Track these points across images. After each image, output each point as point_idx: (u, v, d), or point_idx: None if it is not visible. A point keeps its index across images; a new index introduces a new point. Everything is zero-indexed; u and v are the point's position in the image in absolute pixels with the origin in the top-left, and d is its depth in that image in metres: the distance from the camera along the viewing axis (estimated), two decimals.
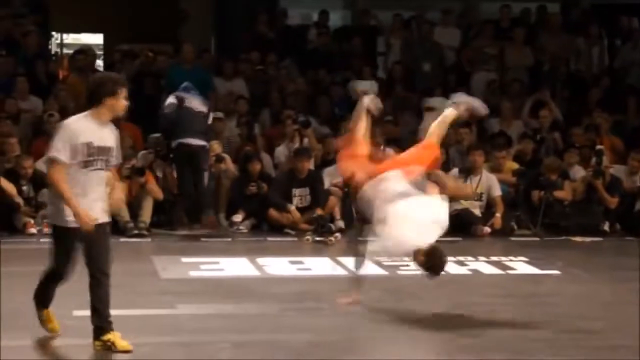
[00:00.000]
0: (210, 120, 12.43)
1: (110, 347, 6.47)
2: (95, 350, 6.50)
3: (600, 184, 12.75)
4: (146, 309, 7.80)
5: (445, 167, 13.06)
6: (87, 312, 6.57)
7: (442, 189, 8.21)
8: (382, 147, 13.14)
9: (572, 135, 14.18)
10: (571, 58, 16.41)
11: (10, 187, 11.72)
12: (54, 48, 16.57)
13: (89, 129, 6.47)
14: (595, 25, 16.42)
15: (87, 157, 6.43)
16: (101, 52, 17.75)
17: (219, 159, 12.62)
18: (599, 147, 13.10)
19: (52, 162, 6.44)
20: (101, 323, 6.52)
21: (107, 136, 6.55)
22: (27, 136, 13.29)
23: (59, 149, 6.40)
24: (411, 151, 8.50)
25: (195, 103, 12.25)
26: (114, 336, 6.50)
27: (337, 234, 11.67)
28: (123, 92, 6.53)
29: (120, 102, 6.52)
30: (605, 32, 16.66)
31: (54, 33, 16.39)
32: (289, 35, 16.63)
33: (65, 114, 13.44)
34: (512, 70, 16.01)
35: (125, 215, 11.63)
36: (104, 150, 6.51)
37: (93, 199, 6.48)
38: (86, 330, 6.77)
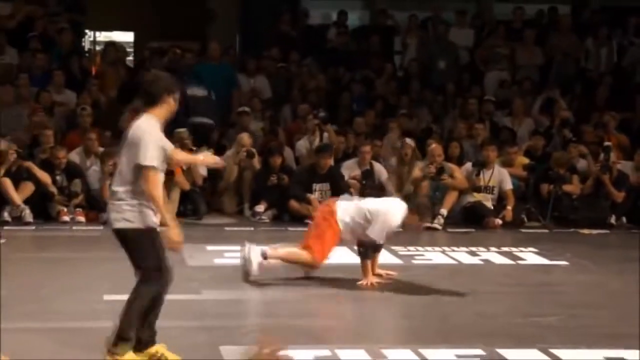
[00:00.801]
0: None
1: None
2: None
3: (607, 179, 12.71)
4: (173, 294, 7.78)
5: (459, 161, 13.08)
6: (118, 297, 6.57)
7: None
8: (400, 139, 13.20)
9: (581, 132, 14.14)
10: (581, 58, 16.35)
11: (45, 177, 11.78)
12: (87, 45, 16.63)
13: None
14: (604, 27, 16.35)
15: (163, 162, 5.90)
16: (132, 50, 17.81)
17: (250, 155, 12.61)
18: (606, 143, 13.05)
19: (151, 169, 5.74)
20: (151, 337, 6.04)
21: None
22: (61, 128, 13.35)
23: (154, 156, 5.75)
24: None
25: (195, 90, 12.75)
26: (162, 348, 6.04)
27: None
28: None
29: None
30: (614, 33, 16.58)
31: (87, 31, 16.43)
32: (310, 34, 16.65)
33: (97, 107, 13.56)
34: (524, 69, 15.97)
35: None
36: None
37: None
38: (117, 314, 6.80)
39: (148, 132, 5.78)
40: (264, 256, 8.50)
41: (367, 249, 8.56)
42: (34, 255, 9.68)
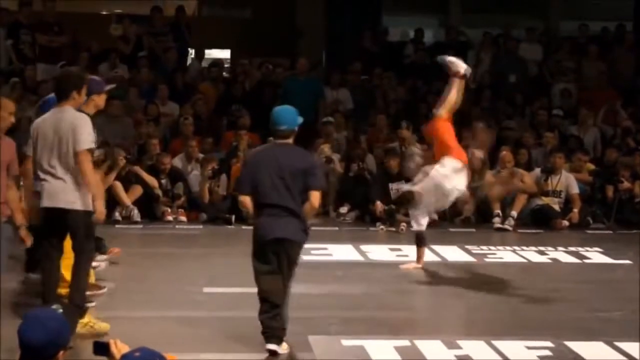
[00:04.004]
0: None
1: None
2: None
3: None
4: None
5: (528, 167, 12.90)
6: (216, 289, 6.63)
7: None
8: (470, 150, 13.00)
9: None
10: None
11: (152, 181, 11.95)
12: (189, 61, 16.82)
13: None
14: None
15: None
16: (228, 65, 17.96)
17: (329, 160, 12.65)
18: None
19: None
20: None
21: None
22: (165, 137, 13.53)
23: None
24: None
25: None
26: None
27: (404, 224, 11.32)
28: None
29: None
30: None
31: (189, 49, 16.63)
32: (390, 50, 16.59)
33: (197, 117, 13.71)
34: (588, 81, 15.71)
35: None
36: None
37: None
38: (215, 304, 6.88)
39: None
40: None
41: (424, 237, 8.67)
42: (141, 251, 9.83)
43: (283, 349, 6.04)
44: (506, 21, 16.74)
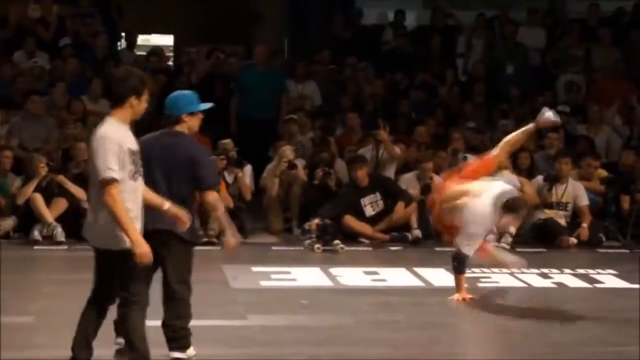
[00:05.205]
0: None
1: None
2: None
3: None
4: (216, 319, 7.85)
5: (530, 173, 12.97)
6: (154, 322, 6.59)
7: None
8: (461, 155, 13.08)
9: None
10: None
11: (79, 192, 11.84)
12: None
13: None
14: None
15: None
16: (171, 54, 17.95)
17: (292, 166, 12.65)
18: None
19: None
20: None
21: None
22: None
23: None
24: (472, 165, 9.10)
25: None
26: None
27: (341, 245, 11.49)
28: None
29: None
30: None
31: (123, 34, 16.59)
32: (365, 36, 16.64)
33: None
34: (599, 72, 15.83)
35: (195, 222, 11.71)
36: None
37: None
38: (154, 341, 6.84)
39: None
40: None
41: (462, 263, 8.65)
42: (65, 277, 9.74)
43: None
44: (503, 1, 16.85)
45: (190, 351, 6.57)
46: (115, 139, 6.03)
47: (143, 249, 5.85)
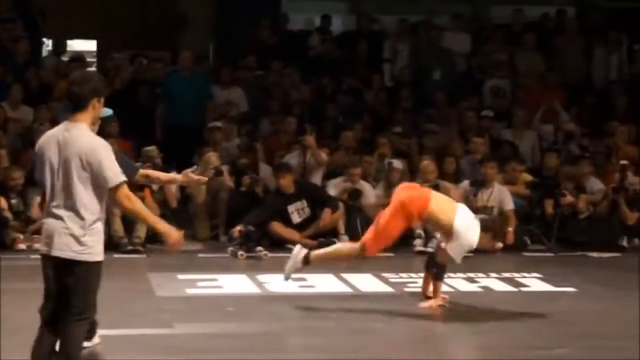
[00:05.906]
0: None
1: None
2: None
3: (622, 200, 12.74)
4: (141, 328, 7.80)
5: (456, 178, 13.09)
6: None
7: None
8: (387, 160, 13.14)
9: (587, 146, 14.18)
10: (589, 65, 16.39)
11: None
12: (44, 55, 16.58)
13: None
14: (614, 31, 16.39)
15: None
16: (94, 60, 17.77)
17: (218, 173, 12.60)
18: (622, 162, 13.06)
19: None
20: None
21: None
22: (15, 147, 13.27)
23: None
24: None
25: None
26: None
27: (265, 252, 11.53)
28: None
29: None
30: (626, 37, 16.60)
31: (44, 39, 16.40)
32: (291, 41, 16.66)
33: (56, 123, 13.49)
34: (524, 77, 16.01)
35: (119, 230, 11.63)
36: None
37: None
38: None
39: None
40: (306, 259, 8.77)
41: (442, 270, 8.81)
42: None
43: None
44: (428, 6, 16.97)
45: None
46: (106, 144, 5.85)
47: (175, 236, 6.02)
